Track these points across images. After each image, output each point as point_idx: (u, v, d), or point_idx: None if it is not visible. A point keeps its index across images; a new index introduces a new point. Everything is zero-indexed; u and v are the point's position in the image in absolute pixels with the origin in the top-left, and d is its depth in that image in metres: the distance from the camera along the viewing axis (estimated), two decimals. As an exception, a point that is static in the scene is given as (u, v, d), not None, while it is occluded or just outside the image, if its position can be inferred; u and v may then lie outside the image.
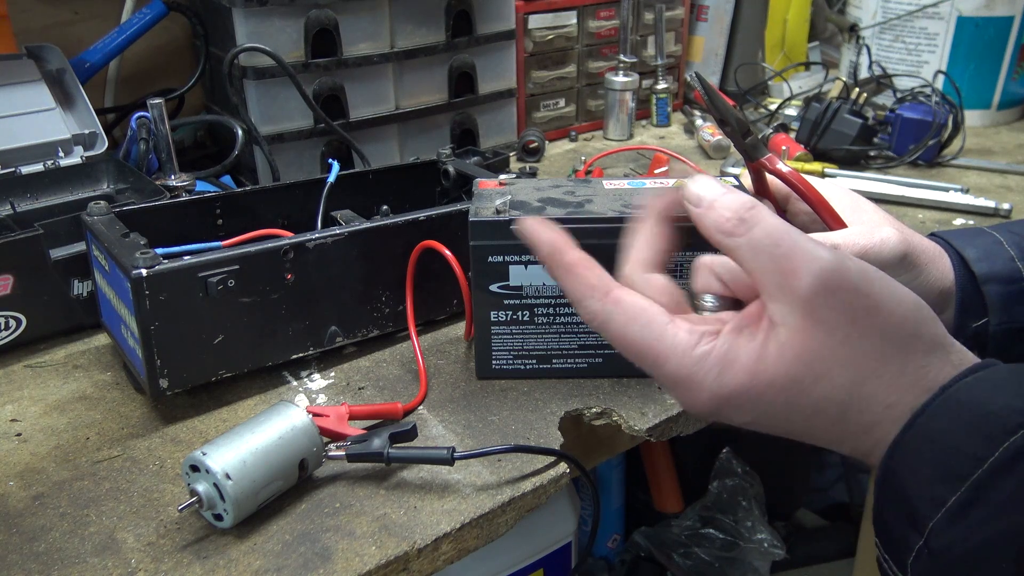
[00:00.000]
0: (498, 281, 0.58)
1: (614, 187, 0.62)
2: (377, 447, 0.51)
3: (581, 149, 1.16)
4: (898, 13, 1.18)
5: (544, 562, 1.08)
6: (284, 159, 0.92)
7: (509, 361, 0.61)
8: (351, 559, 0.46)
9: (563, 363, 0.61)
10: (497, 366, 0.61)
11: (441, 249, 0.61)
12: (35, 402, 0.61)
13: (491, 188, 0.61)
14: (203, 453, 0.47)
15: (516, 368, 0.61)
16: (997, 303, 0.54)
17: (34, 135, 0.79)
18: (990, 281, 0.54)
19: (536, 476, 0.52)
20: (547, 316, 0.59)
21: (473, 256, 0.57)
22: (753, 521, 1.40)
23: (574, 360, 0.61)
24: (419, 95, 1.00)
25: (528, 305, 0.59)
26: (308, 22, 0.89)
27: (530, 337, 0.60)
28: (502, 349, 0.60)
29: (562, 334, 0.60)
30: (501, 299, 0.58)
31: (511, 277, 0.58)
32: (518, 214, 0.56)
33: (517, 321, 0.59)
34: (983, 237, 0.57)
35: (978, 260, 0.55)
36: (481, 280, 0.58)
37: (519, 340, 0.60)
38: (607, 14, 1.18)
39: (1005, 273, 0.54)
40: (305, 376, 0.63)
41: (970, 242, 0.56)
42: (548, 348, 0.61)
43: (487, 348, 0.60)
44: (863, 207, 0.58)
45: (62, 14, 1.00)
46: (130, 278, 0.53)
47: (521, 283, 0.58)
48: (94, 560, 0.46)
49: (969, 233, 0.57)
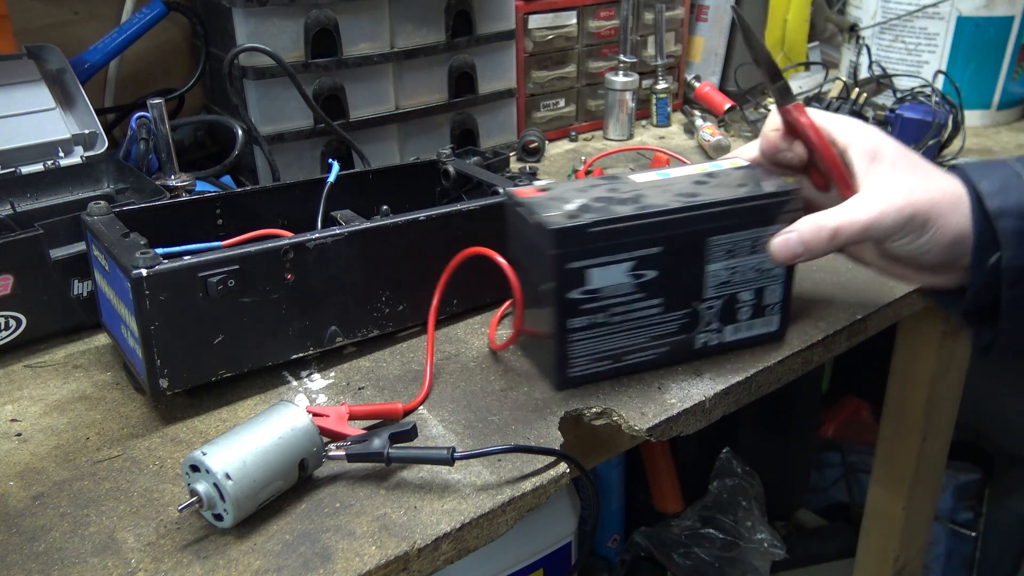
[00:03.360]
0: (578, 287, 0.57)
1: (647, 180, 0.62)
2: (377, 447, 0.51)
3: (581, 149, 1.16)
4: (898, 13, 1.18)
5: (544, 562, 1.09)
6: (284, 159, 0.92)
7: (586, 366, 0.60)
8: (351, 559, 0.46)
9: (635, 358, 0.61)
10: (574, 374, 0.59)
11: (494, 256, 0.60)
12: (35, 402, 0.61)
13: (535, 195, 0.60)
14: (203, 453, 0.47)
15: (593, 372, 0.60)
16: (1010, 237, 0.53)
17: (34, 135, 0.79)
18: (1003, 215, 0.53)
19: (536, 476, 0.52)
20: (621, 314, 0.59)
21: (554, 266, 0.56)
22: (753, 521, 1.40)
23: (644, 353, 0.61)
24: (419, 95, 1.00)
25: (605, 306, 0.58)
26: (308, 22, 0.89)
27: (606, 338, 0.59)
28: (580, 356, 0.59)
29: (634, 329, 0.60)
30: (578, 305, 0.57)
31: (591, 281, 0.57)
32: (592, 217, 0.55)
33: (595, 324, 0.58)
34: (1002, 169, 0.55)
35: (992, 194, 0.54)
36: (562, 289, 0.56)
37: (596, 343, 0.59)
38: (607, 14, 1.18)
39: (1020, 208, 0.53)
40: (305, 376, 0.63)
41: (986, 175, 0.55)
42: (621, 346, 0.60)
43: (565, 357, 0.59)
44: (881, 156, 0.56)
45: (62, 14, 1.00)
46: (130, 278, 0.53)
47: (600, 285, 0.57)
48: (94, 560, 0.46)
49: (989, 166, 0.56)
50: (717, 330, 0.63)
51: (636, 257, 0.57)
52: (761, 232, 0.60)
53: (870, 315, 0.70)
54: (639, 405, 0.58)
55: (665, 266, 0.58)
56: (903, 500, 1.10)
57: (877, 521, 1.15)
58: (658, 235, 0.57)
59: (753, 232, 0.60)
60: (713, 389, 0.60)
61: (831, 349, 0.68)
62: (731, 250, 0.60)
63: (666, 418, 0.57)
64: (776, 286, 0.63)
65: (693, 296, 0.61)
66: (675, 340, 0.62)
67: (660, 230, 0.57)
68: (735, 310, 0.63)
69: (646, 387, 0.60)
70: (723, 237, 0.59)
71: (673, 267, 0.59)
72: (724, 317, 0.62)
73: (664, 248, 0.57)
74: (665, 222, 0.57)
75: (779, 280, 0.63)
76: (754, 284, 0.62)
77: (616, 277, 0.57)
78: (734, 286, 0.62)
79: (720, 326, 0.63)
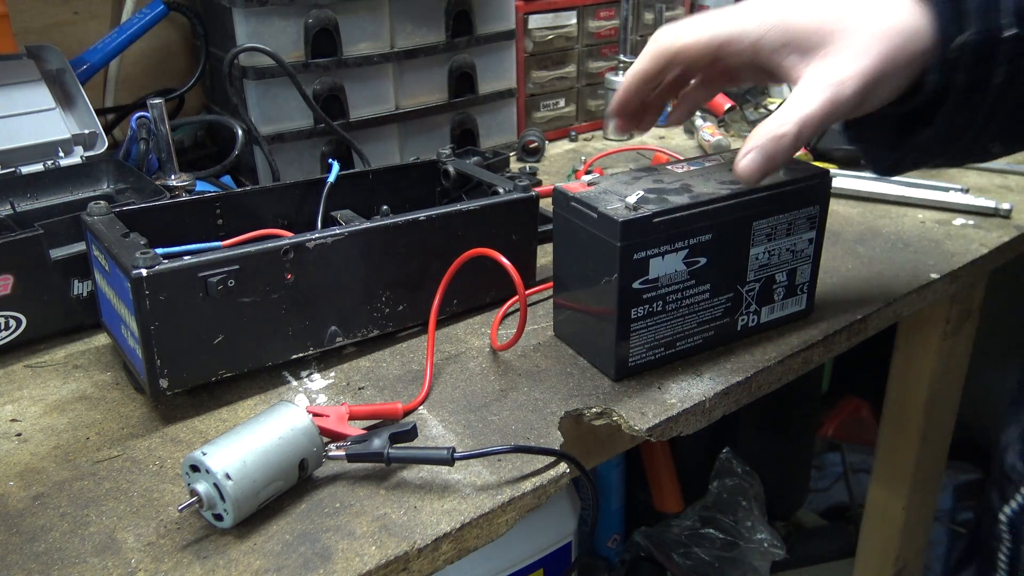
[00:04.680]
0: (640, 277, 0.58)
1: (686, 170, 0.64)
2: (377, 447, 0.51)
3: (581, 149, 1.16)
4: (898, 13, 1.18)
5: (544, 562, 1.09)
6: (284, 159, 0.92)
7: (643, 355, 0.61)
8: (351, 559, 0.46)
9: (684, 344, 0.62)
10: (633, 362, 0.61)
11: (497, 257, 0.60)
12: (35, 402, 0.61)
13: (585, 190, 0.60)
14: (203, 453, 0.47)
15: (647, 360, 0.61)
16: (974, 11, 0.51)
17: (34, 135, 0.79)
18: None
19: (536, 476, 0.52)
20: (675, 301, 0.60)
21: (620, 257, 0.56)
22: (753, 521, 1.40)
23: (692, 339, 0.63)
24: (419, 95, 1.00)
25: (662, 295, 0.59)
26: (308, 22, 0.89)
27: (661, 325, 0.60)
28: (638, 345, 0.60)
29: (686, 316, 0.61)
30: (640, 295, 0.58)
31: (652, 270, 0.58)
32: (653, 208, 0.56)
33: (653, 313, 0.60)
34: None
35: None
36: (626, 280, 0.57)
37: (652, 331, 0.60)
38: (607, 14, 1.18)
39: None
40: (305, 376, 0.63)
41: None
42: (674, 333, 0.61)
43: (626, 348, 0.60)
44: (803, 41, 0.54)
45: (62, 14, 1.00)
46: (130, 278, 0.53)
47: (659, 274, 0.58)
48: (94, 560, 0.46)
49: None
50: (755, 312, 0.65)
51: (691, 245, 0.59)
52: (796, 214, 0.63)
53: (870, 315, 0.70)
54: (639, 405, 0.58)
55: (715, 252, 0.60)
56: (903, 500, 1.10)
57: (877, 521, 1.15)
58: (711, 222, 0.59)
59: (790, 215, 0.63)
60: (713, 389, 0.60)
61: (831, 349, 0.68)
62: (770, 233, 0.62)
63: (666, 418, 0.57)
64: (806, 266, 0.66)
65: (737, 280, 0.63)
66: (719, 324, 0.63)
67: (713, 217, 0.59)
68: (771, 291, 0.65)
69: (646, 387, 0.60)
70: (765, 221, 0.62)
71: (721, 252, 0.61)
72: (762, 299, 0.65)
73: (714, 235, 0.59)
74: (719, 209, 0.59)
75: (809, 260, 0.66)
76: (788, 265, 0.65)
77: (673, 265, 0.59)
78: (771, 268, 0.64)
79: (758, 308, 0.65)
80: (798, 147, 0.54)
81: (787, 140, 0.53)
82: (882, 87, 0.52)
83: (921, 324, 1.00)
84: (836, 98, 0.52)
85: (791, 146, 0.53)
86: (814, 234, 0.65)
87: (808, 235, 0.64)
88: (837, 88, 0.51)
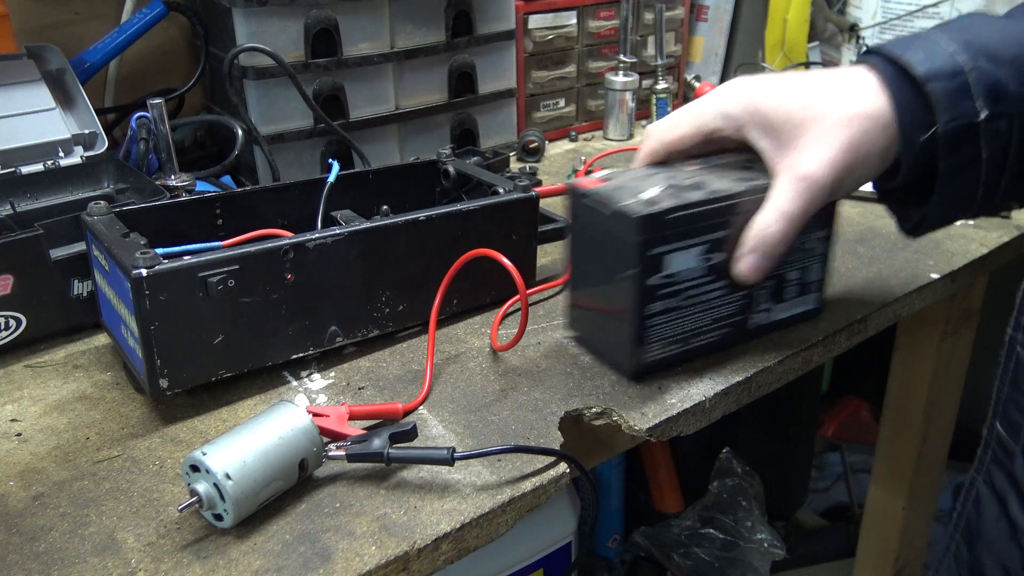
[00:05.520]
0: (657, 273, 0.58)
1: (697, 167, 0.63)
2: (377, 447, 0.51)
3: (581, 149, 1.16)
4: (898, 13, 1.18)
5: (544, 562, 1.09)
6: (284, 159, 0.92)
7: (660, 352, 0.61)
8: (351, 559, 0.46)
9: (700, 341, 0.62)
10: (651, 359, 0.60)
11: (499, 258, 0.60)
12: (35, 402, 0.61)
13: (600, 186, 0.60)
14: (203, 453, 0.47)
15: (664, 357, 0.61)
16: (944, 100, 0.51)
17: (34, 135, 0.79)
18: (932, 79, 0.52)
19: (536, 476, 0.52)
20: (693, 296, 0.60)
21: (637, 253, 0.56)
22: (753, 521, 1.40)
23: (707, 336, 0.62)
24: (419, 95, 1.00)
25: (680, 290, 0.59)
26: (308, 22, 0.89)
27: (678, 322, 0.60)
28: (655, 341, 0.60)
29: (702, 312, 0.61)
30: (657, 290, 0.58)
31: (669, 266, 0.58)
32: (670, 204, 0.56)
33: (669, 309, 0.59)
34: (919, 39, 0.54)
35: (919, 63, 0.52)
36: (643, 275, 0.57)
37: (669, 328, 0.60)
38: (607, 14, 1.18)
39: (948, 69, 0.52)
40: (305, 376, 0.63)
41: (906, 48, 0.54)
42: (690, 329, 0.61)
43: (643, 343, 0.60)
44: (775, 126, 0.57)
45: (62, 14, 1.00)
46: (130, 278, 0.53)
47: (676, 270, 0.58)
48: (94, 560, 0.46)
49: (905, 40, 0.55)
50: (767, 309, 0.65)
51: (707, 240, 0.59)
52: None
53: (870, 315, 0.70)
54: (639, 405, 0.58)
55: (730, 247, 0.60)
56: (903, 500, 1.10)
57: (877, 521, 1.15)
58: (727, 218, 0.59)
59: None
60: (713, 389, 0.60)
61: (831, 349, 0.68)
62: None
63: (666, 418, 0.57)
64: (817, 265, 0.66)
65: None
66: (733, 321, 0.63)
67: (730, 213, 0.58)
68: (783, 289, 0.65)
69: (646, 387, 0.60)
70: None
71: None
72: (774, 296, 0.64)
73: (730, 230, 0.59)
74: (735, 204, 0.59)
75: (820, 259, 0.66)
76: (800, 264, 0.64)
77: (690, 261, 0.58)
78: (784, 266, 0.64)
79: (770, 305, 0.65)
80: (789, 239, 0.57)
81: (776, 237, 0.56)
82: (855, 171, 0.55)
83: (921, 324, 1.00)
84: (809, 191, 0.55)
85: (782, 241, 0.57)
86: (827, 232, 0.64)
87: (820, 233, 0.64)
88: (808, 182, 0.55)
